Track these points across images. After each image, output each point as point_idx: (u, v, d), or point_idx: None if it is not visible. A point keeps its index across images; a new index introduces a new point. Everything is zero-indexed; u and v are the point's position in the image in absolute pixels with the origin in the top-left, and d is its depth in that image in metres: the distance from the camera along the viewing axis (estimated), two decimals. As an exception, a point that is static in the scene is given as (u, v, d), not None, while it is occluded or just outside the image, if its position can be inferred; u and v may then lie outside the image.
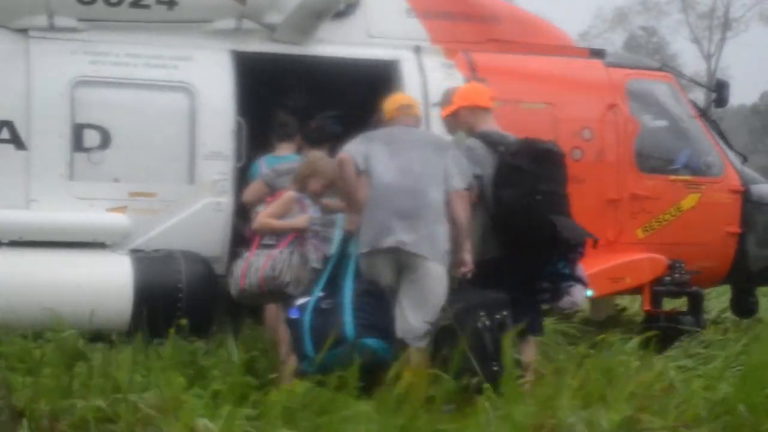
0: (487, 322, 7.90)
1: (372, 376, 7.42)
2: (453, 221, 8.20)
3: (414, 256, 7.99)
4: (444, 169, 8.26)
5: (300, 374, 7.83)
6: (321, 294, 8.19)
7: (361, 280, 8.18)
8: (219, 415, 6.62)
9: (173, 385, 7.21)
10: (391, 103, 8.92)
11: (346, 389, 7.01)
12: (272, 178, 9.43)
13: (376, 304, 8.08)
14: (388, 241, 8.02)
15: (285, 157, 9.83)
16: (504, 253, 8.30)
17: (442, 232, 8.12)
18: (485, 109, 8.84)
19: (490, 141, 8.53)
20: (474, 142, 8.59)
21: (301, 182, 8.69)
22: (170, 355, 8.35)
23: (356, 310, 8.00)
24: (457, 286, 8.20)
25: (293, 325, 8.15)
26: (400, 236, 8.00)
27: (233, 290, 8.73)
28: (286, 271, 8.42)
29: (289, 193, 8.69)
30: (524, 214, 8.16)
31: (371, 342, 7.90)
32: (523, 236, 8.21)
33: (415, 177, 8.20)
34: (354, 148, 8.39)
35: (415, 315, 7.94)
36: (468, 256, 8.25)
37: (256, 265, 8.49)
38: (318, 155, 9.04)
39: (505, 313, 8.01)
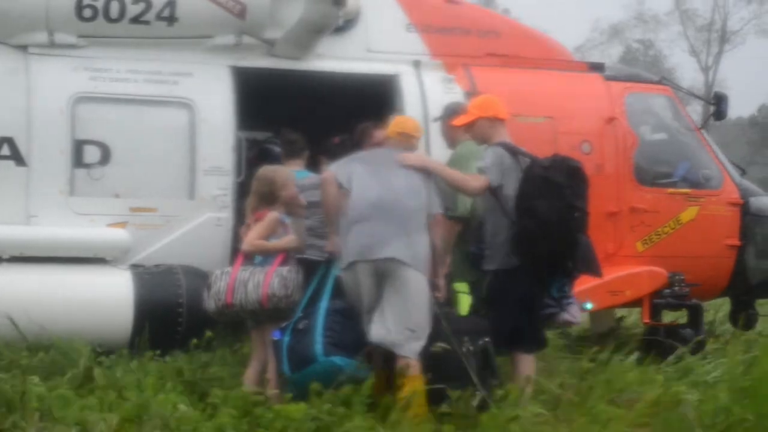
0: (470, 347, 7.95)
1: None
2: (431, 246, 8.25)
3: (395, 263, 8.00)
4: (426, 191, 8.31)
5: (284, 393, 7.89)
6: (300, 315, 8.26)
7: (335, 300, 8.23)
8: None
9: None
10: (396, 125, 8.87)
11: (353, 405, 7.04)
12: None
13: (346, 322, 8.13)
14: (370, 252, 8.05)
15: (297, 172, 9.76)
16: (514, 265, 8.30)
17: (422, 243, 8.15)
18: (502, 121, 8.84)
19: (514, 151, 8.53)
20: (498, 149, 8.58)
21: (272, 196, 8.70)
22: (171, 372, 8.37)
23: (326, 329, 8.06)
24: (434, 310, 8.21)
25: (275, 346, 8.23)
26: (381, 246, 8.03)
27: (212, 305, 8.43)
28: (296, 290, 8.37)
29: (274, 214, 8.64)
30: (557, 227, 8.16)
31: (338, 360, 7.93)
32: (546, 248, 8.19)
33: (396, 192, 8.23)
34: (339, 168, 8.46)
35: (395, 321, 7.94)
36: (442, 282, 8.39)
37: (254, 281, 8.32)
38: (269, 167, 9.10)
39: (487, 339, 8.10)
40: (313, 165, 10.00)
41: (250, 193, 8.87)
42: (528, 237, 8.21)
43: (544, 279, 8.41)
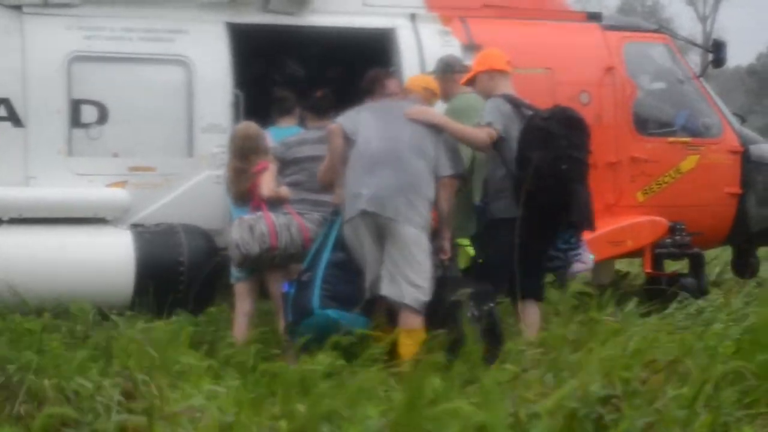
0: (476, 312, 7.95)
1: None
2: (437, 209, 8.25)
3: (394, 222, 7.98)
4: (435, 151, 8.26)
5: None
6: (305, 267, 8.33)
7: (336, 252, 8.26)
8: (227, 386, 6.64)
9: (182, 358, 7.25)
10: (423, 80, 9.02)
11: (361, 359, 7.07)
12: (283, 151, 9.27)
13: (342, 275, 8.18)
14: (371, 207, 8.03)
15: (289, 128, 9.75)
16: (518, 215, 8.28)
17: (423, 200, 8.11)
18: (503, 73, 8.78)
19: (515, 102, 8.50)
20: (497, 100, 8.54)
21: (262, 146, 8.86)
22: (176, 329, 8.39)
23: (323, 282, 8.13)
24: (439, 273, 8.23)
25: (284, 298, 8.34)
26: (382, 202, 8.01)
27: (257, 248, 8.44)
28: None
29: (273, 166, 8.74)
30: (552, 178, 8.14)
31: (332, 312, 7.99)
32: (544, 199, 8.17)
33: (402, 146, 8.19)
34: (346, 119, 8.42)
35: (398, 278, 7.95)
36: (447, 244, 8.35)
37: (294, 225, 8.50)
38: (243, 123, 9.30)
39: (492, 304, 8.08)
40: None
41: (237, 151, 8.88)
42: (525, 188, 8.20)
43: (546, 230, 8.39)
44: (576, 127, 8.39)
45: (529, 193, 8.16)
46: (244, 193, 8.75)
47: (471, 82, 8.97)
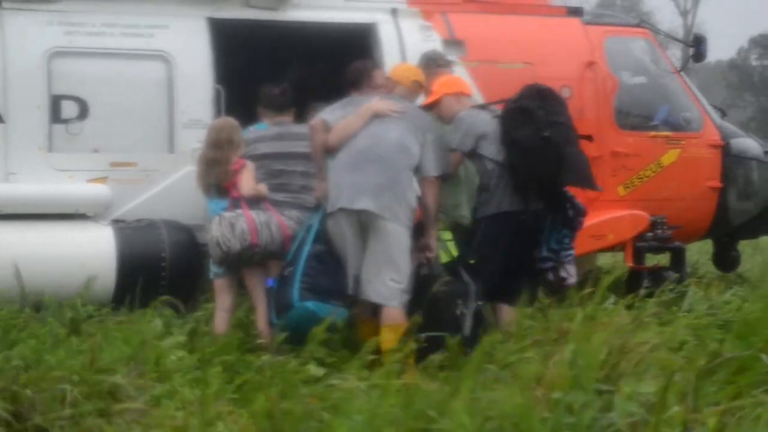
0: (464, 310, 7.96)
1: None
2: (422, 207, 8.27)
3: (374, 216, 7.99)
4: (421, 150, 8.27)
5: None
6: (287, 262, 8.35)
7: (315, 245, 8.27)
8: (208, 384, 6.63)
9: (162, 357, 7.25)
10: (412, 73, 8.99)
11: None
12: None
13: (320, 266, 8.19)
14: (353, 203, 8.04)
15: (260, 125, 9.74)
16: (507, 209, 8.33)
17: (406, 197, 8.12)
18: (468, 97, 9.00)
19: (481, 106, 8.62)
20: (459, 116, 8.67)
21: (238, 141, 8.85)
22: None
23: (303, 275, 8.14)
24: (425, 270, 8.26)
25: (268, 294, 8.39)
26: (362, 197, 8.02)
27: (238, 246, 8.46)
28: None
29: (251, 163, 8.76)
30: (542, 148, 8.20)
31: (311, 305, 8.01)
32: (539, 174, 8.20)
33: (387, 144, 8.20)
34: (330, 114, 8.41)
35: (379, 274, 7.97)
36: (433, 242, 8.36)
37: (274, 223, 8.54)
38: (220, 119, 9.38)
39: (480, 303, 8.12)
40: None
41: (211, 142, 8.87)
42: (519, 169, 8.28)
43: (534, 227, 8.43)
44: (549, 97, 8.53)
45: (523, 174, 8.22)
46: (218, 186, 8.75)
47: (435, 105, 9.01)
